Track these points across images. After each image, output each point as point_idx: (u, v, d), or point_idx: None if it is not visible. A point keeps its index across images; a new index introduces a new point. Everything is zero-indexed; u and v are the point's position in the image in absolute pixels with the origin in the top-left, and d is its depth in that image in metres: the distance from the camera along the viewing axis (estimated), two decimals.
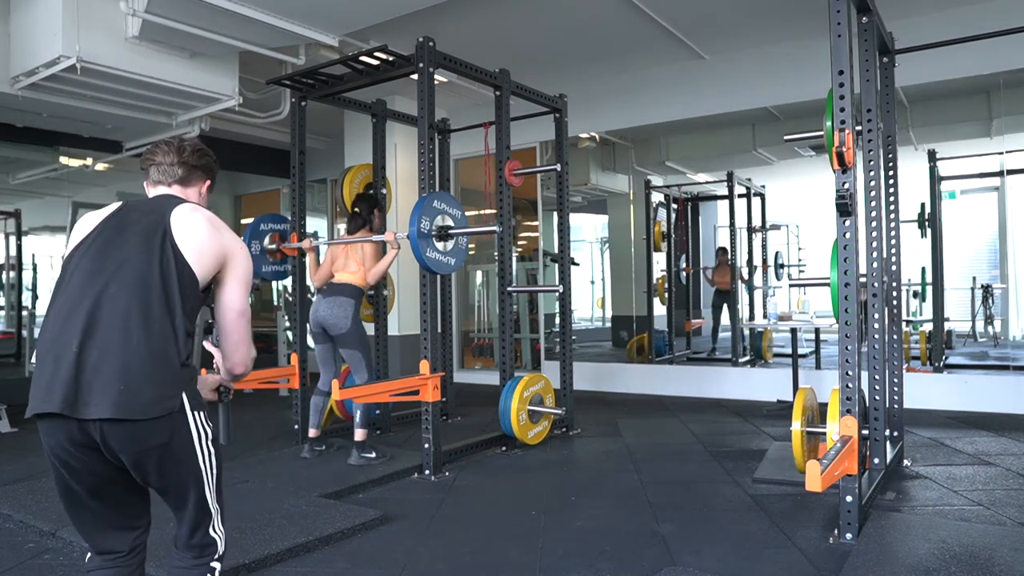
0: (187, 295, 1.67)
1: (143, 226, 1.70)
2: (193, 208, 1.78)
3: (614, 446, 4.76)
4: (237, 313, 1.78)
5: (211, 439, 1.73)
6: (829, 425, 3.13)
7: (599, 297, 9.97)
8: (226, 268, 1.76)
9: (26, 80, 5.05)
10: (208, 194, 1.99)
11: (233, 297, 1.78)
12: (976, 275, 7.50)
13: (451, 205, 4.29)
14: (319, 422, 4.41)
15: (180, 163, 1.89)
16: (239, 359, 1.82)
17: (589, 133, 7.92)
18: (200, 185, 1.95)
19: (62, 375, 1.53)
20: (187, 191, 1.91)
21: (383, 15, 5.08)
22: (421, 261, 4.10)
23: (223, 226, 1.80)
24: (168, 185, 1.89)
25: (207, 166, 1.97)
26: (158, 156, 1.89)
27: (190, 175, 1.91)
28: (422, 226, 4.05)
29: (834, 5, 2.91)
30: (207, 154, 1.98)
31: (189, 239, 1.69)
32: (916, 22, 5.36)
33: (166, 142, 1.91)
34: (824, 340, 7.30)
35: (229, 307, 1.78)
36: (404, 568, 2.73)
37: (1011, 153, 6.25)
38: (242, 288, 1.78)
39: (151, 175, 1.90)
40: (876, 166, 3.68)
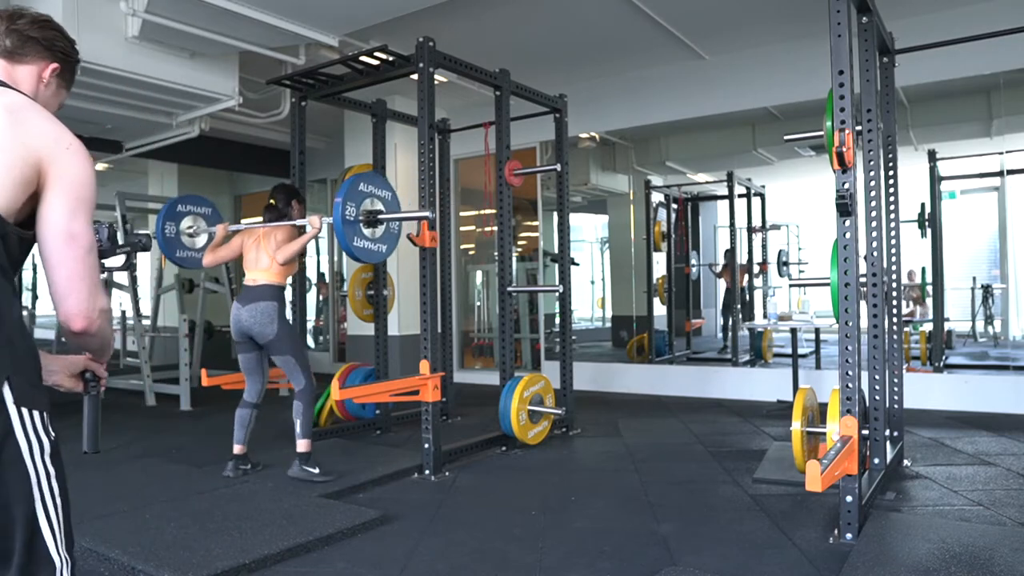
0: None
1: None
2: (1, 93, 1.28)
3: (614, 446, 4.76)
4: (62, 238, 1.24)
5: (51, 453, 1.26)
6: (829, 425, 3.13)
7: (599, 297, 9.97)
8: (45, 176, 1.25)
9: None
10: (57, 84, 1.47)
11: (55, 214, 1.24)
12: (976, 275, 7.50)
13: (380, 187, 3.99)
14: (244, 437, 4.04)
15: (10, 30, 1.38)
16: (75, 306, 1.26)
17: (589, 133, 7.92)
18: (40, 65, 1.42)
19: None
20: (15, 70, 1.39)
21: (383, 15, 5.08)
22: (347, 250, 3.85)
23: (36, 114, 1.29)
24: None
25: (52, 41, 1.43)
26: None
27: (24, 48, 1.39)
28: (347, 212, 3.75)
29: (834, 5, 2.91)
30: (55, 28, 1.45)
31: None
32: (916, 22, 5.36)
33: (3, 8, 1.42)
34: (824, 340, 7.30)
35: (50, 228, 1.24)
36: (404, 568, 2.73)
37: (1011, 153, 6.25)
38: (70, 202, 1.26)
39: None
40: (876, 166, 3.68)
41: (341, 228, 3.74)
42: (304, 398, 3.95)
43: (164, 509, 3.32)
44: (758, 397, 6.32)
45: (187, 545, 2.83)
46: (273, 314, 3.93)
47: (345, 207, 3.76)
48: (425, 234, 4.14)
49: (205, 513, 3.25)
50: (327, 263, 9.88)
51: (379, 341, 5.43)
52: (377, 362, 5.41)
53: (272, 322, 3.92)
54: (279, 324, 3.95)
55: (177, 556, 2.72)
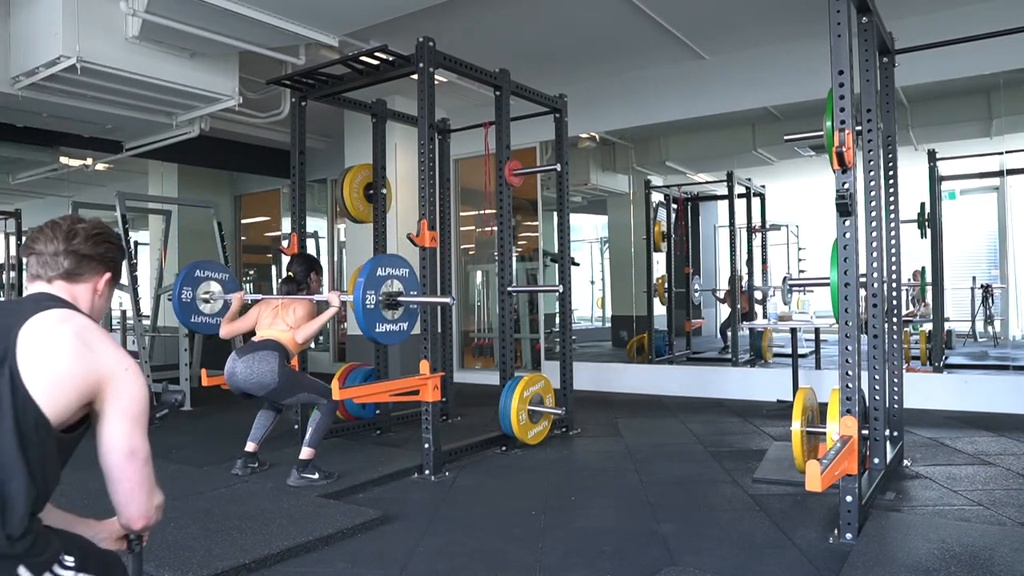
0: (29, 444, 1.24)
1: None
2: (61, 317, 1.33)
3: (614, 446, 4.76)
4: (124, 456, 1.34)
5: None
6: (829, 425, 3.13)
7: (599, 297, 9.98)
8: (103, 398, 1.33)
9: (26, 80, 5.05)
10: (109, 289, 1.52)
11: (116, 434, 1.33)
12: (976, 275, 7.50)
13: (397, 266, 3.96)
14: (261, 437, 4.06)
15: (68, 252, 1.43)
16: (136, 511, 1.37)
17: (589, 133, 7.92)
18: (95, 279, 1.49)
19: None
20: (75, 288, 1.45)
21: (383, 15, 5.08)
22: (371, 338, 3.86)
23: (101, 339, 1.35)
24: (48, 281, 1.44)
25: (106, 254, 1.49)
26: (39, 243, 1.44)
27: (80, 267, 1.45)
28: (367, 301, 3.73)
29: (834, 5, 2.91)
30: (108, 239, 1.50)
31: (41, 364, 1.26)
32: (916, 22, 5.36)
33: (54, 223, 1.46)
34: (824, 340, 7.30)
35: (112, 448, 1.33)
36: (404, 568, 2.73)
37: (1011, 153, 6.25)
38: (129, 422, 1.34)
39: (29, 267, 1.45)
40: (876, 166, 3.68)
41: (363, 318, 3.73)
42: (325, 409, 3.93)
43: (164, 509, 3.31)
44: (758, 397, 6.32)
45: (187, 545, 2.83)
46: (273, 362, 3.79)
47: (365, 295, 3.74)
48: (425, 234, 4.14)
49: (205, 513, 3.25)
50: (327, 263, 9.88)
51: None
52: (377, 362, 5.41)
53: (272, 369, 3.78)
54: (279, 369, 3.79)
55: (177, 556, 2.72)
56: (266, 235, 11.20)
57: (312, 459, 3.84)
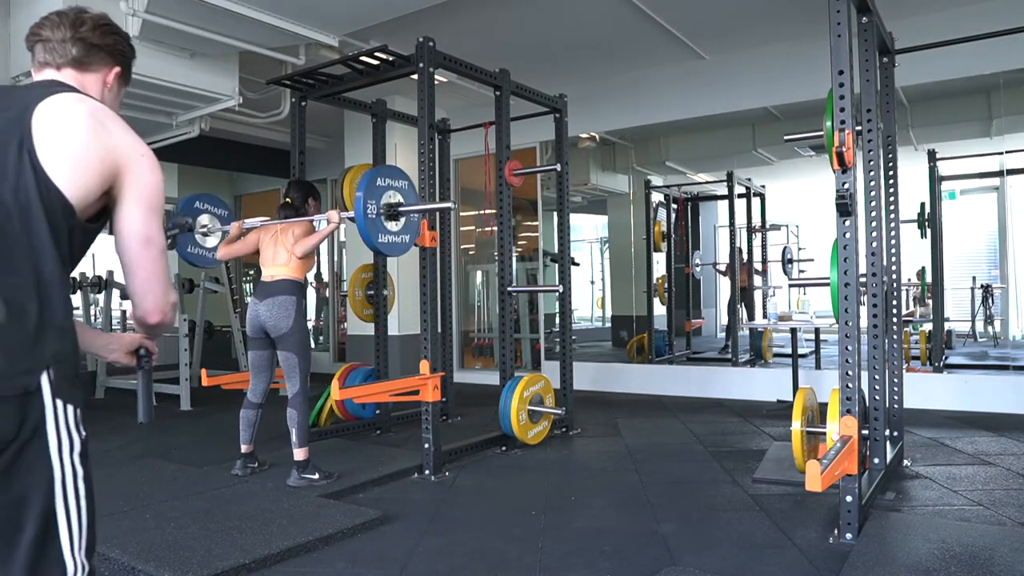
0: (59, 228, 1.23)
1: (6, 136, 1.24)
2: (76, 98, 1.31)
3: (614, 446, 4.76)
4: (140, 242, 1.32)
5: (80, 452, 1.24)
6: (829, 425, 3.13)
7: (599, 297, 9.98)
8: (120, 182, 1.31)
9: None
10: (119, 86, 1.52)
11: (133, 221, 1.32)
12: (976, 275, 7.50)
13: (396, 177, 3.98)
14: (251, 437, 4.05)
15: (75, 39, 1.41)
16: (152, 304, 1.35)
17: (589, 133, 7.92)
18: (105, 71, 1.47)
19: None
20: (84, 77, 1.43)
21: (383, 15, 5.08)
22: (373, 248, 3.92)
23: (116, 123, 1.34)
24: (57, 68, 1.41)
25: (115, 46, 1.48)
26: (46, 29, 1.41)
27: (89, 56, 1.43)
28: (368, 209, 3.76)
29: (834, 5, 2.91)
30: (116, 31, 1.49)
31: (58, 145, 1.24)
32: (916, 22, 5.36)
33: (60, 12, 1.42)
34: (824, 340, 7.30)
35: (128, 234, 1.32)
36: (404, 568, 2.73)
37: (1011, 153, 6.25)
38: (145, 208, 1.33)
39: (36, 54, 1.42)
40: (876, 166, 3.68)
41: (364, 227, 3.74)
42: (297, 404, 3.88)
43: (164, 509, 3.32)
44: (758, 397, 6.32)
45: (187, 545, 2.83)
46: (291, 308, 3.90)
47: (366, 204, 3.75)
48: (425, 234, 4.14)
49: (205, 513, 3.25)
50: (327, 263, 9.88)
51: (379, 341, 5.43)
52: (377, 362, 5.41)
53: (289, 316, 3.89)
54: (295, 319, 3.91)
55: (177, 556, 2.72)
56: None
57: (308, 458, 3.83)
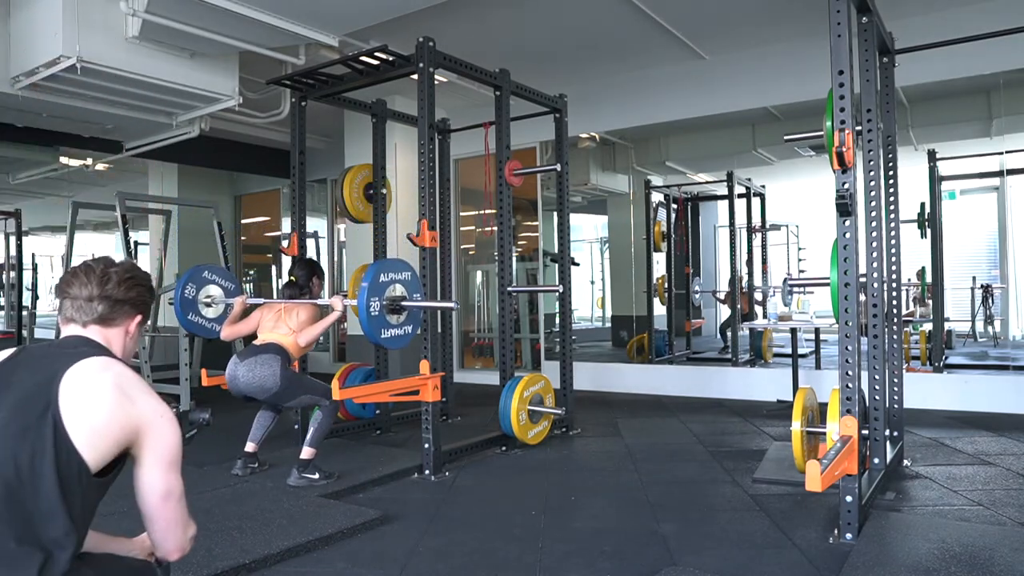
0: (71, 490, 1.29)
1: (23, 392, 1.32)
2: (102, 366, 1.39)
3: (614, 446, 4.76)
4: (160, 496, 1.41)
5: None
6: (829, 425, 3.13)
7: (599, 297, 9.98)
8: (141, 443, 1.39)
9: (26, 80, 5.05)
10: (139, 330, 1.59)
11: (153, 479, 1.40)
12: (976, 275, 7.50)
13: (399, 270, 4.00)
14: (260, 438, 4.06)
15: (102, 297, 1.49)
16: (172, 545, 1.46)
17: (589, 133, 7.92)
18: (128, 323, 1.55)
19: None
20: (109, 332, 1.52)
21: (383, 15, 5.08)
22: (377, 343, 3.92)
23: (138, 388, 1.41)
24: (83, 325, 1.50)
25: (138, 298, 1.56)
26: (74, 287, 1.49)
27: (114, 312, 1.51)
28: (371, 308, 3.77)
29: (834, 5, 2.91)
30: (140, 282, 1.57)
31: (83, 414, 1.31)
32: (916, 22, 5.36)
33: (88, 267, 1.51)
34: (824, 340, 7.30)
35: (149, 491, 1.41)
36: (404, 568, 2.73)
37: (1011, 153, 6.25)
38: (165, 466, 1.42)
39: (63, 310, 1.51)
40: (876, 166, 3.68)
41: (368, 324, 3.77)
42: (327, 410, 3.94)
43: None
44: (758, 397, 6.32)
45: None
46: (275, 365, 3.78)
47: (370, 302, 3.76)
48: (425, 234, 4.14)
49: (205, 513, 3.25)
50: (327, 263, 9.88)
51: None
52: (377, 362, 5.41)
53: (274, 374, 3.77)
54: (281, 373, 3.78)
55: None
56: (266, 235, 11.19)
57: (313, 459, 3.84)
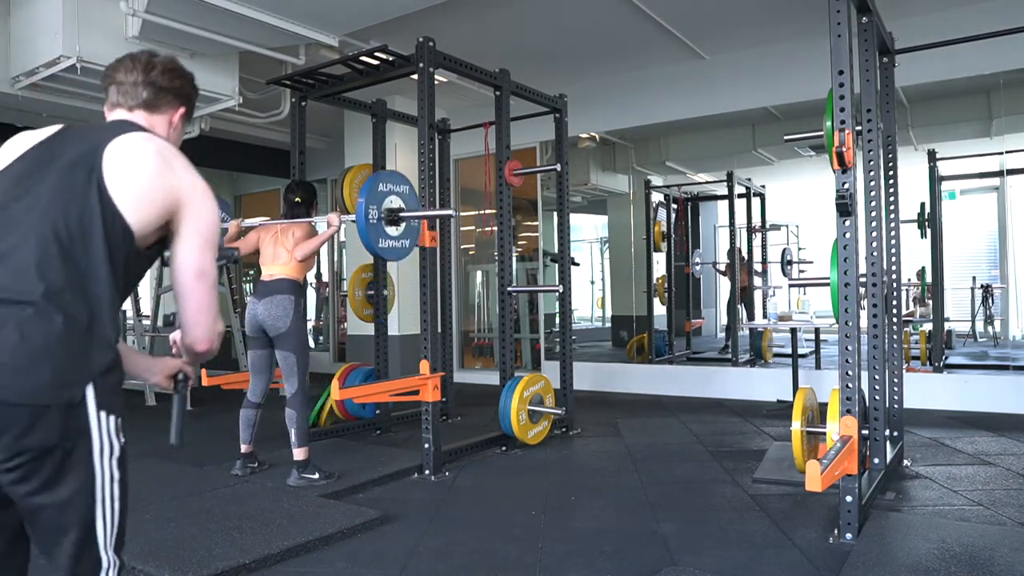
0: (116, 252, 1.33)
1: (69, 159, 1.35)
2: (145, 137, 1.42)
3: (614, 446, 4.76)
4: (194, 275, 1.41)
5: (118, 457, 1.33)
6: (829, 425, 3.13)
7: (599, 297, 9.98)
8: (180, 217, 1.41)
9: (26, 80, 5.05)
10: (182, 125, 1.62)
11: (189, 254, 1.41)
12: (976, 275, 7.51)
13: (397, 183, 4.04)
14: (251, 437, 4.07)
15: (146, 83, 1.52)
16: (201, 333, 1.45)
17: (589, 133, 7.92)
18: (171, 113, 1.58)
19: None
20: (153, 118, 1.55)
21: (383, 15, 5.08)
22: (374, 252, 3.98)
23: (180, 161, 1.43)
24: (129, 109, 1.53)
25: (181, 89, 1.59)
26: (120, 72, 1.53)
27: (158, 98, 1.54)
28: (370, 215, 3.83)
29: (834, 5, 2.91)
30: (182, 75, 1.60)
31: (126, 178, 1.34)
32: (916, 22, 5.36)
33: (133, 56, 1.55)
34: (824, 340, 7.30)
35: (184, 267, 1.41)
36: (404, 568, 2.73)
37: (1011, 153, 6.25)
38: (201, 243, 1.42)
39: (109, 95, 1.54)
40: (876, 166, 3.68)
41: (366, 232, 3.80)
42: (296, 404, 3.89)
43: (164, 509, 3.32)
44: (758, 397, 6.32)
45: (187, 545, 2.83)
46: (289, 307, 3.92)
47: (368, 210, 3.80)
48: (425, 234, 4.14)
49: (205, 513, 3.25)
50: (327, 263, 9.88)
51: (379, 341, 5.42)
52: (377, 362, 5.41)
53: (287, 315, 3.91)
54: (293, 318, 3.92)
55: (177, 556, 2.72)
56: None
57: (308, 457, 3.83)
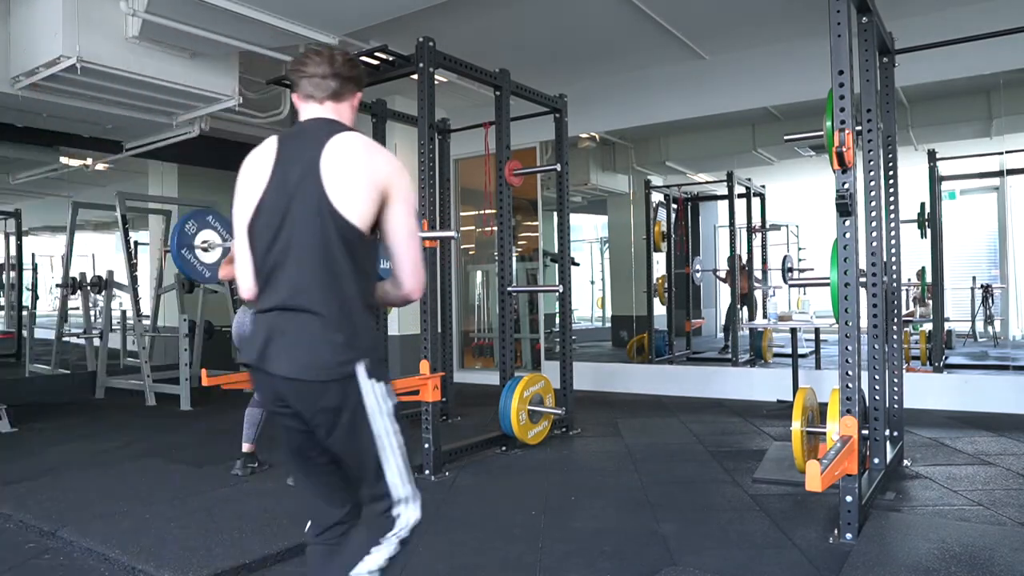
0: (353, 250, 1.63)
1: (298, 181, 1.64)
2: (347, 139, 1.68)
3: (614, 446, 4.76)
4: (408, 235, 1.70)
5: (390, 413, 1.67)
6: (829, 425, 3.13)
7: (599, 297, 9.98)
8: (389, 195, 1.67)
9: (26, 80, 5.05)
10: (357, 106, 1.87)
11: (402, 220, 1.69)
12: (976, 275, 7.50)
13: None
14: (254, 436, 4.05)
15: (333, 75, 1.76)
16: (415, 283, 1.75)
17: (589, 133, 7.92)
18: (352, 98, 1.83)
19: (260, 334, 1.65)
20: (340, 106, 1.80)
21: (383, 15, 5.08)
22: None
23: (379, 153, 1.70)
24: (320, 101, 1.77)
25: (359, 77, 1.83)
26: (309, 66, 1.77)
27: (343, 88, 1.79)
28: None
29: (834, 5, 2.91)
30: (357, 64, 1.85)
31: (343, 187, 1.62)
32: (916, 22, 5.36)
33: (316, 51, 1.80)
34: (824, 340, 7.30)
35: (398, 231, 1.69)
36: (404, 568, 2.73)
37: (1011, 153, 6.25)
38: (408, 209, 1.70)
39: (302, 88, 1.78)
40: (876, 166, 3.68)
41: None
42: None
43: (164, 509, 3.32)
44: (758, 397, 6.32)
45: (187, 545, 2.83)
46: None
47: None
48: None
49: (205, 513, 3.25)
50: None
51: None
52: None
53: None
54: None
55: (177, 556, 2.72)
56: None
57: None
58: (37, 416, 6.00)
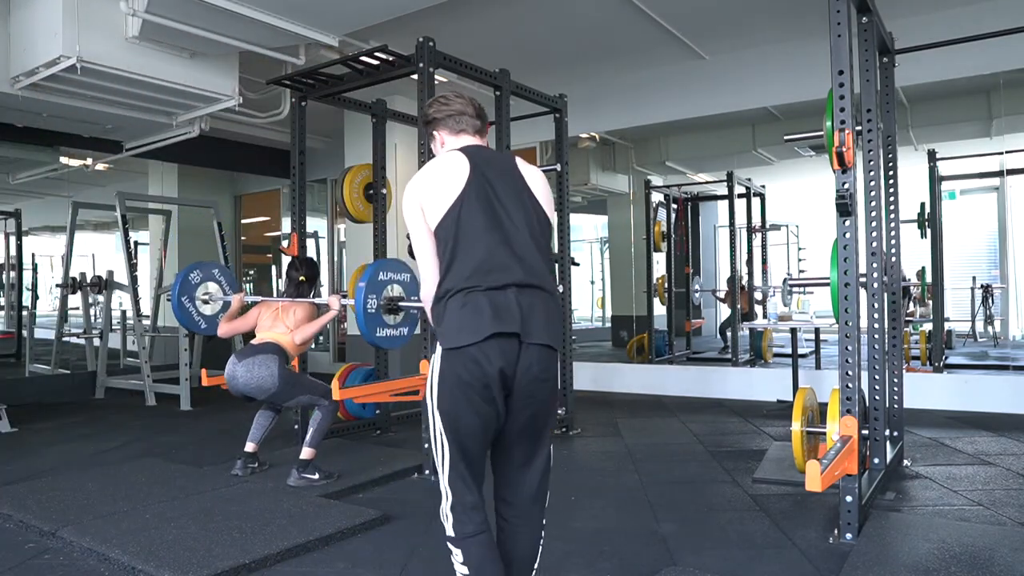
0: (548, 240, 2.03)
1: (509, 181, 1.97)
2: (525, 162, 2.09)
3: (614, 446, 4.76)
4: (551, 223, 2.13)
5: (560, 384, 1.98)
6: (829, 425, 3.13)
7: (599, 297, 9.98)
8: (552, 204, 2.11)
9: (26, 80, 5.05)
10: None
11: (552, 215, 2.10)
12: (976, 275, 7.51)
13: (398, 271, 4.02)
14: (260, 438, 4.03)
15: (478, 115, 2.11)
16: None
17: (589, 133, 7.92)
18: (486, 132, 2.17)
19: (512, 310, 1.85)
20: (482, 139, 2.12)
21: (383, 15, 5.08)
22: (371, 342, 3.93)
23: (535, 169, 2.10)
24: (472, 135, 2.10)
25: (486, 114, 2.18)
26: (457, 104, 2.09)
27: (483, 124, 2.13)
28: (368, 305, 3.79)
29: (834, 5, 2.91)
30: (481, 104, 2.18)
31: (541, 191, 2.02)
32: (916, 22, 5.36)
33: (455, 93, 2.13)
34: (824, 340, 7.30)
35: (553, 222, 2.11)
36: (404, 568, 2.73)
37: (1011, 153, 6.26)
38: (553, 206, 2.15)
39: (454, 124, 2.08)
40: (876, 166, 3.68)
41: (364, 322, 3.79)
42: (326, 411, 3.90)
43: (164, 509, 3.32)
44: (758, 397, 6.32)
45: (187, 545, 2.83)
46: (273, 365, 3.76)
47: (367, 299, 3.78)
48: None
49: (205, 513, 3.25)
50: (327, 263, 9.88)
51: None
52: (377, 362, 5.41)
53: (272, 375, 3.75)
54: (279, 373, 3.76)
55: (177, 556, 2.72)
56: (266, 235, 11.20)
57: (312, 459, 3.83)
58: (37, 416, 6.01)
